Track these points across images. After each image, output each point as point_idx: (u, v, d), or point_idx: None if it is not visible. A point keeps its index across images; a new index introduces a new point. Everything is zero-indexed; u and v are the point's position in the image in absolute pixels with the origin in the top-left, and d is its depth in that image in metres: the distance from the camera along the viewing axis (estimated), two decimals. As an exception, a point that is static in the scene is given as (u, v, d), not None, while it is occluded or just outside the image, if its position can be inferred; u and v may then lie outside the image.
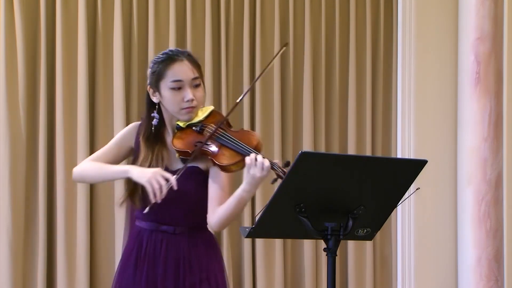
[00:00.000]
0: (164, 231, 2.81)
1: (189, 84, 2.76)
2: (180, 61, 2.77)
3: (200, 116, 2.80)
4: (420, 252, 5.18)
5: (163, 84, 2.77)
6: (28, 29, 4.49)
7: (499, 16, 4.97)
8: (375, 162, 2.55)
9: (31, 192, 4.50)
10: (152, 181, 2.62)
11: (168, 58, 2.78)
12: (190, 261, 2.80)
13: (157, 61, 2.80)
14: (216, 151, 2.70)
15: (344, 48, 5.10)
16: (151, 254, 2.80)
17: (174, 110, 2.79)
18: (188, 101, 2.75)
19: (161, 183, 2.62)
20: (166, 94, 2.77)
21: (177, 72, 2.76)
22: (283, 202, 2.41)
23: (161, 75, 2.77)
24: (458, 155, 5.13)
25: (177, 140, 2.76)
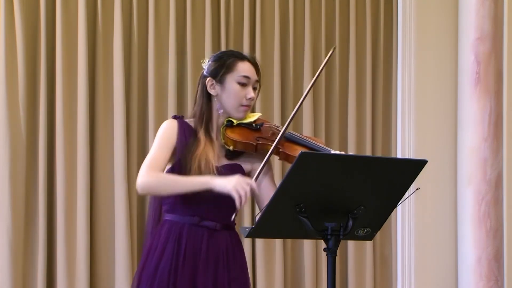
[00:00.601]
0: (205, 226, 2.80)
1: (252, 84, 2.85)
2: (250, 61, 2.87)
3: (249, 119, 2.86)
4: (420, 252, 5.18)
5: (231, 77, 2.83)
6: (28, 29, 4.49)
7: (499, 16, 4.97)
8: (375, 162, 2.55)
9: (31, 192, 4.49)
10: (238, 188, 2.62)
11: (239, 54, 2.88)
12: (228, 258, 2.83)
13: (227, 54, 2.89)
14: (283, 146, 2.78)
15: (344, 48, 5.10)
16: (191, 249, 2.79)
17: (232, 105, 2.83)
18: (249, 99, 2.83)
19: (246, 189, 2.63)
20: (231, 87, 2.82)
21: (247, 69, 2.84)
22: (283, 202, 2.41)
23: (231, 67, 2.83)
24: (458, 155, 5.13)
25: (233, 134, 2.81)
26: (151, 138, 4.64)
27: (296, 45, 4.98)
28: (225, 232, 2.84)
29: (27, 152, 4.48)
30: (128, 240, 4.53)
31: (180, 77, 4.74)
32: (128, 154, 4.58)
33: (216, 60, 2.86)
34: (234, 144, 2.79)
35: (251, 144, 2.79)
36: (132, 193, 4.61)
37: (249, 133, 2.82)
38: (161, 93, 4.71)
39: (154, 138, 4.66)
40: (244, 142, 2.79)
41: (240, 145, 2.79)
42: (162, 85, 4.71)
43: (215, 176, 2.72)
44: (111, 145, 4.59)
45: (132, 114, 4.65)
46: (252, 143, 2.79)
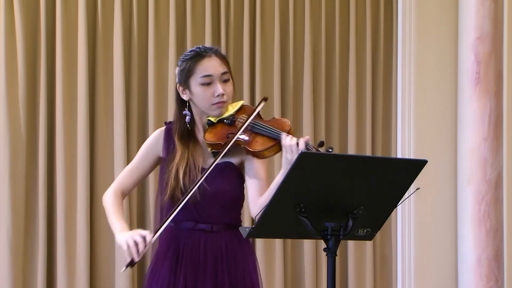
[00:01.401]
0: (201, 230, 2.80)
1: (218, 79, 2.79)
2: (209, 57, 2.79)
3: (231, 111, 2.81)
4: (420, 252, 5.18)
5: (193, 81, 2.79)
6: (28, 29, 4.49)
7: (499, 16, 4.97)
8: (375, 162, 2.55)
9: (31, 192, 4.50)
10: (129, 241, 2.63)
11: (196, 54, 2.80)
12: (228, 259, 2.81)
13: (186, 58, 2.82)
14: (249, 139, 2.72)
15: (344, 48, 5.10)
16: (189, 253, 2.80)
17: (205, 106, 2.80)
18: (218, 96, 2.77)
19: (138, 241, 2.62)
20: (196, 90, 2.79)
21: (207, 68, 2.78)
22: (283, 202, 2.40)
23: (190, 71, 2.79)
24: (458, 155, 5.13)
25: (209, 134, 2.78)
26: (151, 138, 4.65)
27: (296, 45, 4.98)
28: (225, 232, 2.82)
29: (27, 152, 4.48)
30: (128, 240, 4.53)
31: (180, 77, 4.74)
32: (128, 154, 4.58)
33: (180, 65, 2.84)
34: (210, 146, 2.78)
35: (219, 143, 2.75)
36: (132, 193, 4.61)
37: (224, 131, 2.77)
38: (161, 93, 4.71)
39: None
40: (216, 144, 2.76)
41: (214, 146, 2.76)
42: (162, 85, 4.71)
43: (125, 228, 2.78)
44: (111, 145, 4.60)
45: (132, 114, 4.66)
46: (221, 142, 2.75)
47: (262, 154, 2.70)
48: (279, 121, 2.79)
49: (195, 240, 2.80)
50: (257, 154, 2.71)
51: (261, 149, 2.69)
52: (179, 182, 2.75)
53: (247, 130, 2.73)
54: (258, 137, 2.72)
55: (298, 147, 2.61)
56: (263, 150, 2.69)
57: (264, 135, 2.71)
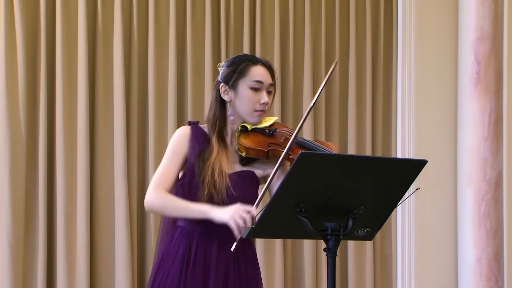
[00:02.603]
0: (216, 234, 2.78)
1: (266, 88, 2.81)
2: (263, 65, 2.84)
3: (264, 123, 2.83)
4: (420, 252, 5.18)
5: (243, 82, 2.80)
6: (28, 29, 4.49)
7: (499, 16, 4.97)
8: (375, 162, 2.55)
9: (31, 192, 4.49)
10: (236, 218, 2.61)
11: (252, 58, 2.85)
12: (239, 268, 2.82)
13: (240, 59, 2.84)
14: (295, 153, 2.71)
15: (344, 48, 5.10)
16: (201, 257, 2.79)
17: (246, 111, 2.81)
18: (263, 104, 2.79)
19: (245, 217, 2.61)
20: (244, 92, 2.80)
21: (260, 74, 2.81)
22: (283, 202, 2.40)
23: (243, 73, 2.80)
24: (458, 155, 5.13)
25: (246, 140, 2.79)
26: (151, 138, 4.65)
27: (296, 46, 4.98)
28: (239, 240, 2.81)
29: (27, 152, 4.48)
30: (128, 240, 4.53)
31: (180, 77, 4.74)
32: (128, 154, 4.58)
33: (229, 65, 2.84)
34: (246, 151, 2.78)
35: (262, 150, 2.76)
36: (132, 193, 4.61)
37: (262, 139, 2.79)
38: (161, 93, 4.71)
39: (154, 139, 4.70)
40: (256, 149, 2.76)
41: (252, 151, 2.77)
42: (162, 85, 4.71)
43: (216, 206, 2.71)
44: (111, 145, 4.59)
45: (132, 114, 4.65)
46: (263, 149, 2.76)
47: None
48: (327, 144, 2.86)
49: (208, 245, 2.80)
50: None
51: None
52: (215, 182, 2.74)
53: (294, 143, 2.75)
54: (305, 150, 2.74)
55: None
56: None
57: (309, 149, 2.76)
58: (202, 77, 4.75)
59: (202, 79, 4.74)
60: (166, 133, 4.65)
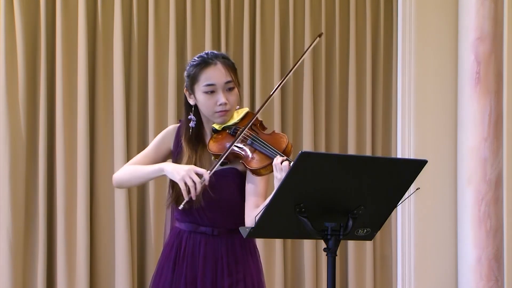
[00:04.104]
0: (202, 232, 2.83)
1: (222, 88, 2.80)
2: (214, 65, 2.80)
3: (235, 118, 2.83)
4: (420, 252, 5.18)
5: (197, 88, 2.81)
6: (28, 29, 4.49)
7: (499, 16, 4.97)
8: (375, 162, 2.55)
9: (31, 192, 4.50)
10: (186, 178, 2.63)
11: (202, 62, 2.82)
12: (228, 262, 2.83)
13: (192, 64, 2.84)
14: (248, 155, 2.73)
15: (344, 48, 5.10)
16: (189, 255, 2.83)
17: (208, 114, 2.83)
18: (221, 105, 2.79)
19: (195, 180, 2.63)
20: (200, 97, 2.81)
21: (210, 76, 2.79)
22: (283, 202, 2.40)
23: (195, 78, 2.81)
24: (458, 155, 5.13)
25: (213, 143, 2.80)
26: (151, 138, 4.64)
27: (296, 45, 4.98)
28: (226, 237, 2.84)
29: (27, 152, 4.48)
30: (128, 240, 4.54)
31: (180, 77, 4.74)
32: (128, 154, 4.58)
33: (186, 70, 2.86)
34: (214, 156, 2.78)
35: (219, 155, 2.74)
36: (132, 193, 4.61)
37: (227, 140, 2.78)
38: (161, 93, 4.71)
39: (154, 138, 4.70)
40: (216, 154, 2.76)
41: (216, 156, 2.77)
42: (162, 85, 4.71)
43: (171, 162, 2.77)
44: (111, 145, 4.59)
45: (132, 114, 4.66)
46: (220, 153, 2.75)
47: (259, 172, 2.71)
48: (277, 137, 2.78)
49: (196, 242, 2.83)
50: (253, 171, 2.72)
51: (257, 167, 2.70)
52: None
53: (246, 144, 2.74)
54: (256, 153, 2.73)
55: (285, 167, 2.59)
56: (259, 168, 2.70)
57: (262, 152, 2.71)
58: (202, 77, 4.74)
59: (202, 79, 4.74)
60: (166, 133, 4.64)
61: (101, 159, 4.61)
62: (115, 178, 2.91)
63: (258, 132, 2.80)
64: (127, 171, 2.87)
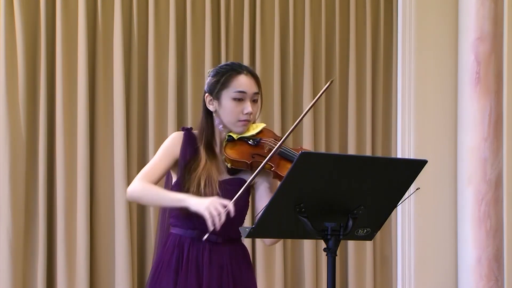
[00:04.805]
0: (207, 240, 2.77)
1: (250, 97, 2.81)
2: (246, 74, 2.82)
3: (252, 131, 2.82)
4: (420, 252, 5.18)
5: (226, 93, 2.80)
6: (28, 29, 4.49)
7: (499, 16, 4.97)
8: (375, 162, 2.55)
9: (31, 192, 4.50)
10: (211, 209, 2.61)
11: (234, 68, 2.83)
12: (233, 270, 2.83)
13: (222, 70, 2.83)
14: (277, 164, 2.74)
15: (344, 48, 5.10)
16: (194, 262, 2.80)
17: (230, 121, 2.81)
18: (246, 114, 2.79)
19: (220, 211, 2.61)
20: (226, 103, 2.80)
21: (242, 84, 2.80)
22: (283, 202, 2.40)
23: (225, 84, 2.80)
24: (458, 155, 5.13)
25: (231, 150, 2.78)
26: (151, 138, 4.65)
27: (296, 45, 4.98)
28: (229, 245, 2.84)
29: (27, 152, 4.48)
30: (128, 240, 4.53)
31: (180, 77, 4.74)
32: (128, 154, 4.58)
33: (214, 75, 2.85)
34: (231, 162, 2.78)
35: (245, 162, 2.76)
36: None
37: (247, 150, 2.78)
38: (161, 93, 4.71)
39: (154, 139, 4.71)
40: (239, 161, 2.76)
41: (236, 163, 2.77)
42: (162, 85, 4.71)
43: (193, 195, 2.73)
44: (111, 145, 4.59)
45: (132, 114, 4.65)
46: (246, 161, 2.76)
47: None
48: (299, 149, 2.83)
49: (200, 250, 2.81)
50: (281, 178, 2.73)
51: None
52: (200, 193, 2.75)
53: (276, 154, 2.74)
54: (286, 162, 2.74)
55: None
56: None
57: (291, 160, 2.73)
58: (202, 77, 4.74)
59: (202, 79, 4.74)
60: (166, 133, 4.64)
61: (101, 159, 4.60)
62: (133, 194, 2.81)
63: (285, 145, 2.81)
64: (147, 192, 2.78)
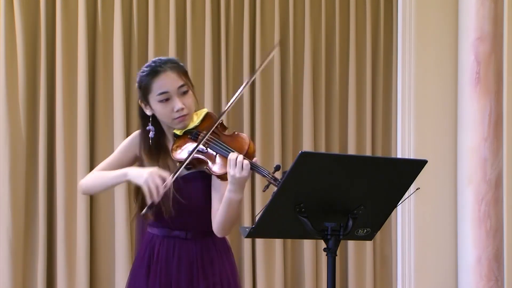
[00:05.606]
0: (175, 236, 2.81)
1: (176, 93, 2.75)
2: (164, 72, 2.75)
3: (196, 121, 2.79)
4: (420, 252, 5.18)
5: (151, 98, 2.77)
6: (28, 29, 4.49)
7: (499, 16, 4.97)
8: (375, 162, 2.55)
9: (31, 192, 4.50)
10: (149, 181, 2.61)
11: (151, 71, 2.77)
12: (203, 265, 2.82)
13: (142, 75, 2.79)
14: (211, 160, 2.69)
15: (344, 48, 5.10)
16: (163, 260, 2.81)
17: (167, 121, 2.79)
18: (178, 111, 2.74)
19: (157, 183, 2.61)
20: (156, 107, 2.77)
21: (162, 84, 2.75)
22: (283, 202, 2.40)
23: (147, 89, 2.77)
24: (458, 155, 5.13)
25: (175, 150, 2.76)
26: (151, 138, 4.64)
27: (296, 45, 4.98)
28: (200, 239, 2.82)
29: (27, 152, 4.48)
30: (128, 240, 4.54)
31: (180, 77, 4.74)
32: (128, 154, 4.58)
33: (137, 83, 2.83)
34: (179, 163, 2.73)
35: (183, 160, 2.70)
36: (132, 193, 4.61)
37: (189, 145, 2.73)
38: (161, 93, 4.70)
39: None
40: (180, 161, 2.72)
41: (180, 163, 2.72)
42: (162, 85, 4.71)
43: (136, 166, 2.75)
44: (111, 145, 4.59)
45: (132, 114, 4.65)
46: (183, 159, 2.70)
47: (224, 177, 2.66)
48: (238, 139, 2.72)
49: (169, 247, 2.82)
50: (218, 177, 2.68)
51: (221, 172, 2.65)
52: None
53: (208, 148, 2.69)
54: (219, 157, 2.67)
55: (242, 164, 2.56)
56: (223, 173, 2.65)
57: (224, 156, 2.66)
58: (202, 77, 4.75)
59: (202, 79, 4.74)
60: (166, 133, 4.64)
61: (101, 159, 4.56)
62: (81, 185, 2.86)
63: (219, 134, 2.74)
64: (93, 178, 2.83)
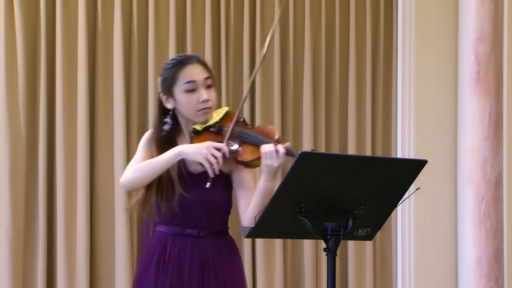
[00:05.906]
0: (188, 235, 2.79)
1: (202, 84, 2.78)
2: (191, 63, 2.80)
3: (216, 118, 2.80)
4: (420, 252, 5.18)
5: (177, 88, 2.79)
6: (28, 29, 4.49)
7: (499, 16, 4.97)
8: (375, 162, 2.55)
9: (31, 192, 4.50)
10: (209, 157, 2.63)
11: (178, 62, 2.81)
12: (215, 265, 2.81)
13: (168, 67, 2.82)
14: (238, 149, 2.71)
15: (344, 48, 5.10)
16: (175, 258, 2.79)
17: (190, 113, 2.79)
18: (203, 102, 2.76)
19: (217, 155, 2.63)
20: (180, 97, 2.78)
21: (190, 74, 2.78)
22: (283, 202, 2.40)
23: (174, 79, 2.79)
24: (458, 155, 5.13)
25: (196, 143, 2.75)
26: (151, 138, 4.64)
27: (296, 45, 4.98)
28: (212, 238, 2.81)
29: (27, 152, 4.48)
30: (128, 240, 4.54)
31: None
32: (128, 154, 4.58)
33: (161, 74, 2.85)
34: None
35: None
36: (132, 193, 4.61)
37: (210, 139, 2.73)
38: (161, 93, 4.70)
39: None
40: None
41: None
42: (162, 85, 4.71)
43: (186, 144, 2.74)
44: (111, 145, 4.59)
45: (132, 114, 4.66)
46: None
47: (252, 164, 2.69)
48: (266, 129, 2.78)
49: (182, 245, 2.80)
50: (247, 164, 2.70)
51: (251, 158, 2.68)
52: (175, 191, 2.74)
53: (235, 138, 2.72)
54: (247, 146, 2.71)
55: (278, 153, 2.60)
56: (253, 159, 2.68)
57: (252, 143, 2.70)
58: (202, 77, 4.74)
59: (202, 79, 4.74)
60: (166, 133, 4.64)
61: (101, 159, 4.60)
62: (125, 181, 2.79)
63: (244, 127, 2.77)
64: (137, 170, 2.76)
